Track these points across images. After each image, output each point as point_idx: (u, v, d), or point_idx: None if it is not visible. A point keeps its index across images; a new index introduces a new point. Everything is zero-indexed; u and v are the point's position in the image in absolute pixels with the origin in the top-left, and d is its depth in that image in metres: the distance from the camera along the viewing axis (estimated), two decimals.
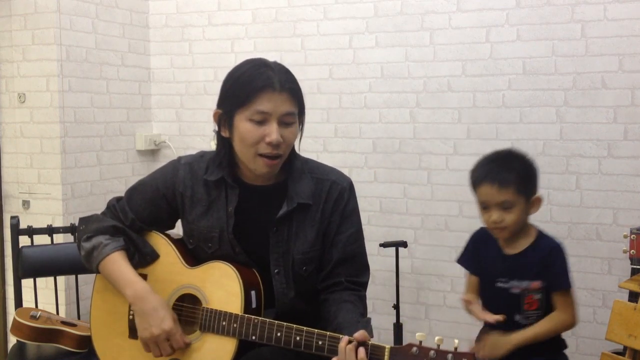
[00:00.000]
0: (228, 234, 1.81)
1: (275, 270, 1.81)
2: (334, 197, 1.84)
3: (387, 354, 1.52)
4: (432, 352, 1.48)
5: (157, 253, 1.88)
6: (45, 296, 2.92)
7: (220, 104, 1.78)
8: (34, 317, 2.52)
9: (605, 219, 2.88)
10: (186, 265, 1.85)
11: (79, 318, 2.77)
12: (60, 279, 3.01)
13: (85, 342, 2.51)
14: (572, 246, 2.94)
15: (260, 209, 1.83)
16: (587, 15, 2.85)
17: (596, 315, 2.91)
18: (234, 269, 1.76)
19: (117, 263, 1.82)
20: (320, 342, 1.60)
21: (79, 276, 2.82)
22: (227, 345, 1.71)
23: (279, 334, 1.65)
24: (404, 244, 2.98)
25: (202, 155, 1.91)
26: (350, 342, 1.55)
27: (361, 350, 1.54)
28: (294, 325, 1.64)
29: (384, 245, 2.96)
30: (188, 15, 3.63)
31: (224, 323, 1.71)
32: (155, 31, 3.70)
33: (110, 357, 1.89)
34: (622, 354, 2.00)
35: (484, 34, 3.04)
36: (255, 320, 1.68)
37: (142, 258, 1.87)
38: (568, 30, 2.89)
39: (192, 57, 3.64)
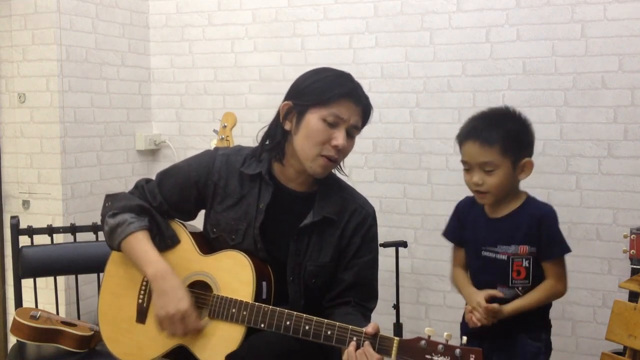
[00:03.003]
0: (254, 229, 1.84)
1: (290, 278, 1.84)
2: (357, 221, 1.89)
3: (395, 346, 1.55)
4: (440, 346, 1.50)
5: (178, 238, 1.91)
6: (45, 296, 2.92)
7: (294, 97, 1.82)
8: (34, 317, 2.52)
9: (605, 219, 2.88)
10: (200, 253, 1.88)
11: (79, 318, 2.77)
12: (60, 279, 3.01)
13: (85, 342, 2.51)
14: (572, 246, 2.91)
15: (288, 213, 1.86)
16: (587, 15, 2.85)
17: (596, 315, 2.91)
18: (248, 258, 1.79)
19: (141, 241, 1.83)
20: (329, 332, 1.63)
21: (79, 276, 2.82)
22: (235, 332, 1.73)
23: (288, 323, 1.67)
24: (404, 244, 2.98)
25: (239, 149, 1.95)
26: (358, 346, 1.58)
27: (370, 351, 1.56)
28: (304, 315, 1.67)
29: (384, 245, 2.96)
30: (188, 15, 3.63)
31: (233, 310, 1.73)
32: (155, 31, 3.70)
33: (115, 341, 1.91)
34: (622, 354, 2.00)
35: (484, 34, 3.04)
36: (266, 309, 1.71)
37: (162, 241, 1.89)
38: (568, 30, 2.89)
39: (192, 57, 3.64)
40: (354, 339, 1.59)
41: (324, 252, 1.86)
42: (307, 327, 1.65)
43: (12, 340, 2.71)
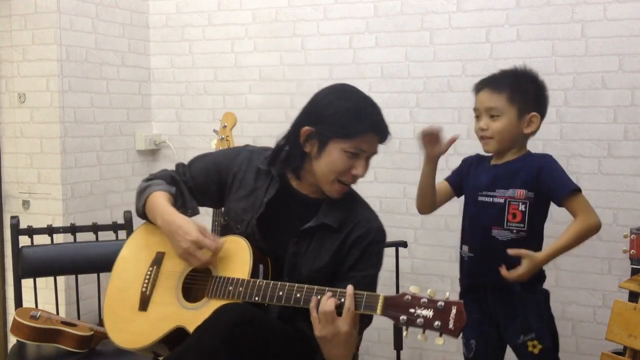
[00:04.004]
0: (253, 220, 1.92)
1: (286, 279, 1.87)
2: (360, 233, 1.90)
3: (380, 302, 1.62)
4: (423, 299, 1.59)
5: (198, 210, 2.02)
6: (45, 296, 2.92)
7: (315, 122, 1.85)
8: (34, 317, 2.52)
9: (605, 219, 2.86)
10: None
11: (79, 318, 2.78)
12: (60, 279, 3.01)
13: (86, 342, 2.52)
14: None
15: (290, 212, 1.93)
16: (587, 15, 2.85)
17: (596, 315, 2.91)
18: (247, 241, 1.86)
19: (160, 199, 1.93)
20: (319, 297, 1.69)
21: (79, 276, 2.82)
22: None
23: (280, 293, 1.74)
24: (404, 244, 2.97)
25: (266, 149, 2.04)
26: (318, 303, 1.67)
27: (329, 301, 1.65)
28: (295, 284, 1.74)
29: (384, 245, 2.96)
30: (188, 15, 3.63)
31: (230, 288, 1.80)
32: (155, 31, 3.70)
33: (118, 331, 1.95)
34: (622, 354, 2.00)
35: (484, 34, 3.04)
36: (260, 283, 1.77)
37: (184, 211, 1.98)
38: (568, 30, 2.89)
39: (192, 57, 3.64)
40: (337, 295, 1.67)
41: (320, 258, 1.89)
42: (298, 295, 1.71)
43: (12, 340, 2.71)
